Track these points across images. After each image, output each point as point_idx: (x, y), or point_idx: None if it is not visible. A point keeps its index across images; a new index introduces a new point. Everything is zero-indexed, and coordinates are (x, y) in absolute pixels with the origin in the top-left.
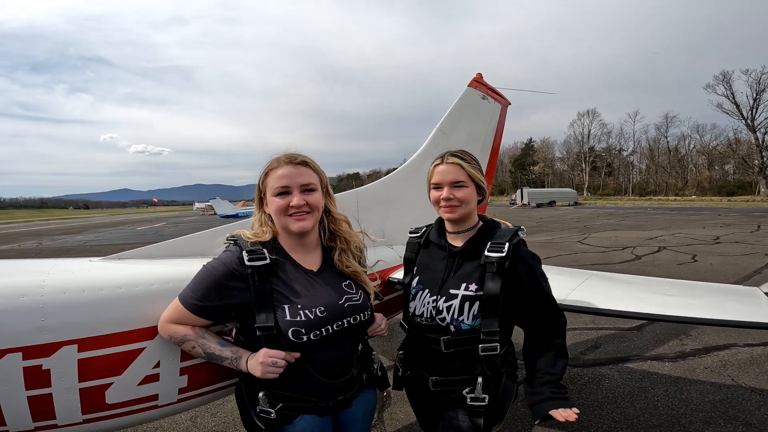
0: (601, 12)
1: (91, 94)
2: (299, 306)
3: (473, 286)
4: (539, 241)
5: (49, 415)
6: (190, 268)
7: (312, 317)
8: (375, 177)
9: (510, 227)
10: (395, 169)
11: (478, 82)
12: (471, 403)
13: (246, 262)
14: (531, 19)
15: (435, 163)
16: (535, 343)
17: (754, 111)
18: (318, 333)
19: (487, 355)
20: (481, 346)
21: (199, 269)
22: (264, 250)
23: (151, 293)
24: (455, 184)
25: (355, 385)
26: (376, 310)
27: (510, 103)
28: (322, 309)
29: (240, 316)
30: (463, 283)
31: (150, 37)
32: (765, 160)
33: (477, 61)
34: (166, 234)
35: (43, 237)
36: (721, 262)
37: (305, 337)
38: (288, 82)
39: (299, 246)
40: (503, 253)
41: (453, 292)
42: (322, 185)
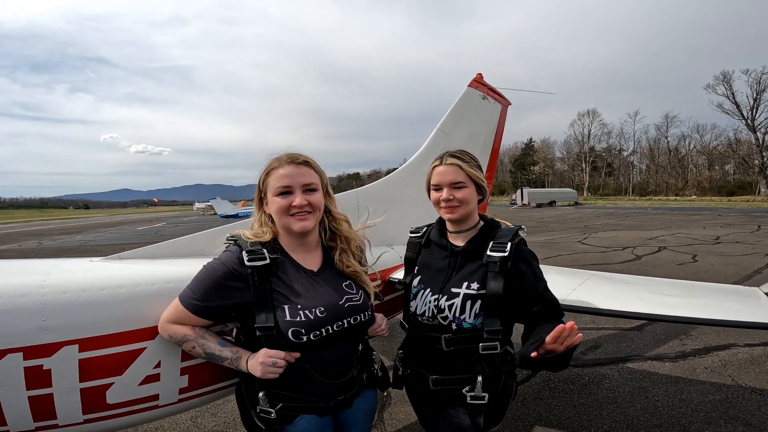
0: (602, 12)
1: (91, 94)
2: (299, 306)
3: (475, 285)
4: (539, 241)
5: (49, 415)
6: (191, 268)
7: (312, 317)
8: (375, 177)
9: (511, 227)
10: (395, 169)
11: (479, 82)
12: (471, 401)
13: (246, 263)
14: (531, 19)
15: (434, 164)
16: (536, 323)
17: (755, 111)
18: (318, 333)
19: (487, 354)
20: (481, 344)
21: (199, 269)
22: (264, 250)
23: (152, 293)
24: (455, 185)
25: (355, 386)
26: (376, 310)
27: (510, 103)
28: (322, 309)
29: (240, 316)
30: (465, 282)
31: (150, 37)
32: (765, 160)
33: (477, 61)
34: (166, 234)
35: (43, 237)
36: (721, 262)
37: (305, 338)
38: (288, 82)
39: (299, 246)
40: (505, 253)
41: (455, 290)
42: (322, 185)
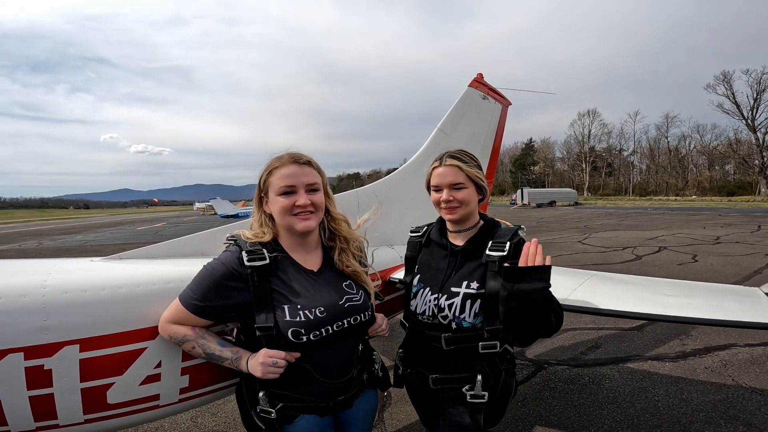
0: (602, 12)
1: (91, 94)
2: (299, 306)
3: (475, 284)
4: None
5: (50, 415)
6: (191, 268)
7: (312, 317)
8: (375, 177)
9: (510, 226)
10: (395, 169)
11: (479, 82)
12: (471, 400)
13: (245, 263)
14: (531, 18)
15: (433, 165)
16: None
17: (755, 111)
18: (318, 333)
19: (486, 353)
20: (481, 344)
21: (199, 269)
22: (263, 250)
23: (152, 293)
24: (454, 186)
25: (355, 386)
26: (377, 310)
27: (510, 103)
28: (322, 309)
29: (240, 316)
30: (464, 281)
31: (150, 37)
32: (765, 160)
33: (477, 61)
34: (166, 234)
35: (43, 237)
36: (721, 262)
37: (305, 338)
38: (288, 82)
39: (299, 246)
40: (504, 252)
41: (454, 290)
42: (322, 185)
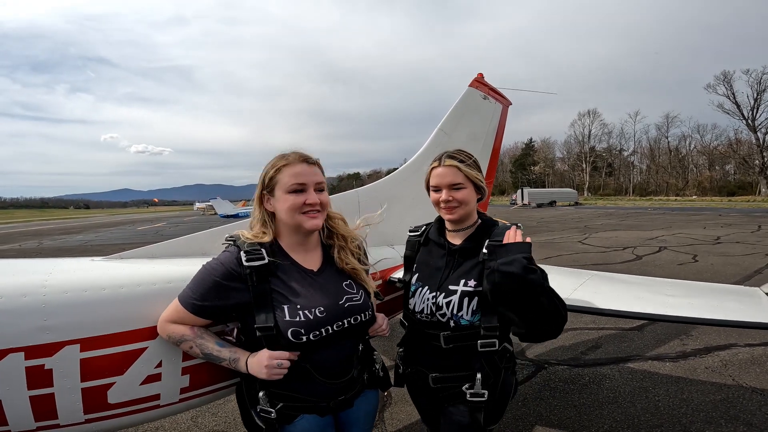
0: (602, 12)
1: (91, 94)
2: (298, 306)
3: (472, 282)
4: (540, 242)
5: (51, 414)
6: (191, 267)
7: (311, 317)
8: (375, 177)
9: (507, 225)
10: (396, 169)
11: (479, 82)
12: (471, 398)
13: (244, 263)
14: (532, 18)
15: (432, 165)
16: None
17: (755, 111)
18: (318, 333)
19: (485, 351)
20: (480, 341)
21: (199, 269)
22: (262, 250)
23: (153, 293)
24: (453, 186)
25: (355, 386)
26: (377, 309)
27: (511, 103)
28: (322, 309)
29: (240, 317)
30: (462, 280)
31: (150, 37)
32: (766, 160)
33: (478, 61)
34: (166, 234)
35: (43, 237)
36: (721, 263)
37: (305, 338)
38: (288, 82)
39: (299, 246)
40: None
41: (452, 288)
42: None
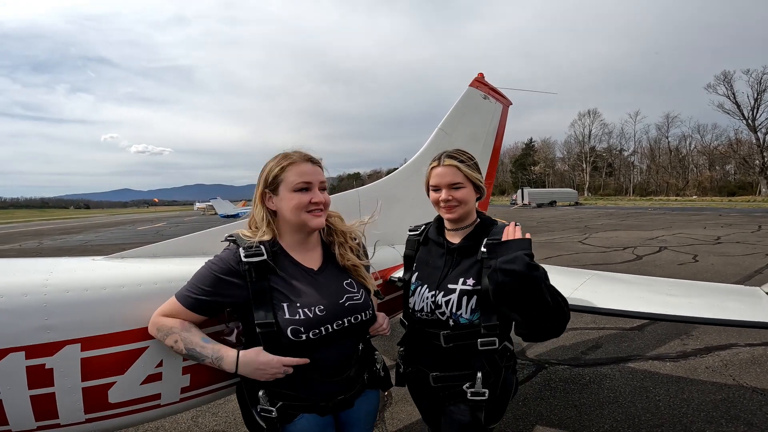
0: (603, 12)
1: (92, 94)
2: (298, 304)
3: (471, 281)
4: (540, 242)
5: (51, 414)
6: (192, 267)
7: (311, 316)
8: (375, 177)
9: (506, 223)
10: (396, 169)
11: (480, 82)
12: (471, 397)
13: (242, 259)
14: (532, 19)
15: (432, 165)
16: None
17: (755, 111)
18: (317, 332)
19: (486, 350)
20: (479, 340)
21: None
22: (261, 247)
23: (154, 292)
24: (453, 186)
25: (355, 385)
26: (378, 309)
27: (511, 103)
28: (322, 308)
29: (241, 316)
30: (460, 278)
31: (151, 36)
32: (766, 160)
33: (478, 61)
34: (166, 234)
35: (43, 237)
36: (722, 262)
37: (304, 336)
38: (288, 82)
39: (300, 245)
40: None
41: (451, 286)
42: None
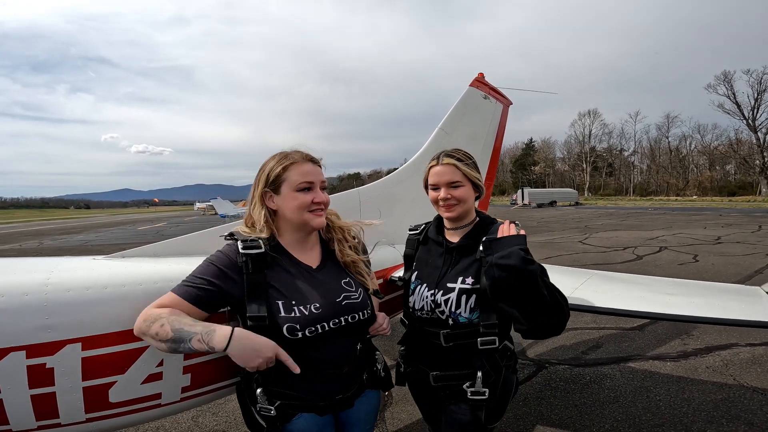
0: (603, 12)
1: (92, 94)
2: (294, 302)
3: (470, 280)
4: (540, 242)
5: (52, 413)
6: (193, 266)
7: (307, 313)
8: (376, 177)
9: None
10: (396, 169)
11: (480, 82)
12: (471, 397)
13: (240, 250)
14: (532, 19)
15: (431, 164)
16: None
17: (755, 111)
18: (313, 330)
19: (486, 349)
20: (479, 339)
21: None
22: (260, 241)
23: (154, 291)
24: (452, 184)
25: (354, 385)
26: (378, 308)
27: (511, 103)
28: (318, 306)
29: (239, 311)
30: (460, 277)
31: (151, 37)
32: (766, 160)
33: (478, 61)
34: (167, 234)
35: (43, 237)
36: (722, 262)
37: (300, 333)
38: (288, 82)
39: (300, 243)
40: None
41: (450, 285)
42: None
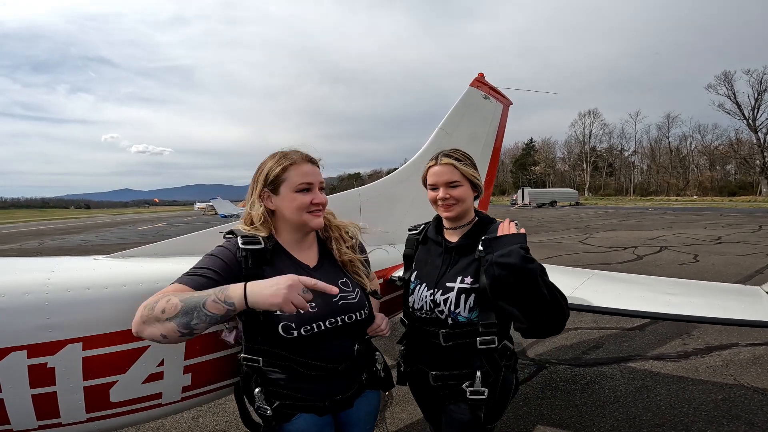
0: (603, 12)
1: (92, 94)
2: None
3: (468, 279)
4: (540, 242)
5: (53, 413)
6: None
7: (302, 312)
8: (376, 177)
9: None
10: (396, 169)
11: (480, 82)
12: (470, 396)
13: (240, 245)
14: (533, 19)
15: (429, 164)
16: None
17: (756, 111)
18: (309, 329)
19: (485, 349)
20: (479, 339)
21: None
22: (260, 237)
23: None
24: (450, 184)
25: (354, 385)
26: (378, 308)
27: (512, 103)
28: (314, 305)
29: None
30: (458, 277)
31: (151, 37)
32: (766, 160)
33: (478, 61)
34: (167, 234)
35: (44, 237)
36: (722, 262)
37: (296, 332)
38: (288, 82)
39: (297, 244)
40: None
41: (449, 285)
42: None
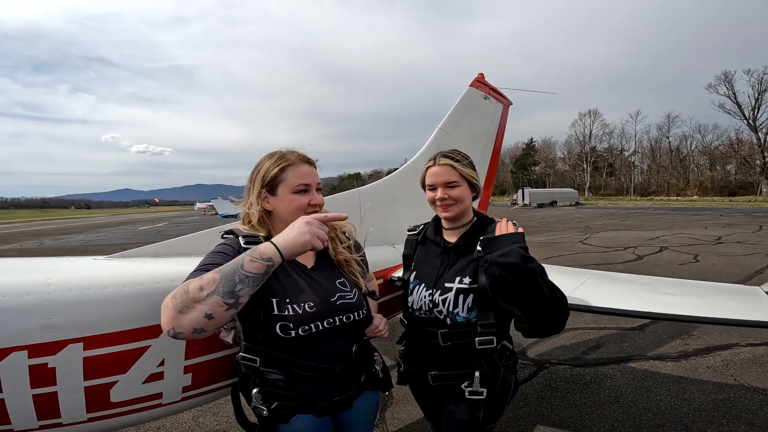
0: (603, 12)
1: (93, 94)
2: (287, 300)
3: (467, 279)
4: (540, 242)
5: (53, 413)
6: (194, 266)
7: (300, 312)
8: (376, 177)
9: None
10: (396, 169)
11: (480, 82)
12: (469, 396)
13: (242, 245)
14: (533, 19)
15: (428, 165)
16: None
17: (756, 111)
18: (307, 329)
19: (484, 349)
20: (477, 339)
21: None
22: (260, 237)
23: (156, 291)
24: (448, 184)
25: (352, 386)
26: (377, 309)
27: (512, 103)
28: (311, 305)
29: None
30: (457, 277)
31: (152, 37)
32: (767, 160)
33: (478, 61)
34: (167, 234)
35: (44, 237)
36: (723, 262)
37: (293, 332)
38: (289, 82)
39: None
40: None
41: (448, 285)
42: None
